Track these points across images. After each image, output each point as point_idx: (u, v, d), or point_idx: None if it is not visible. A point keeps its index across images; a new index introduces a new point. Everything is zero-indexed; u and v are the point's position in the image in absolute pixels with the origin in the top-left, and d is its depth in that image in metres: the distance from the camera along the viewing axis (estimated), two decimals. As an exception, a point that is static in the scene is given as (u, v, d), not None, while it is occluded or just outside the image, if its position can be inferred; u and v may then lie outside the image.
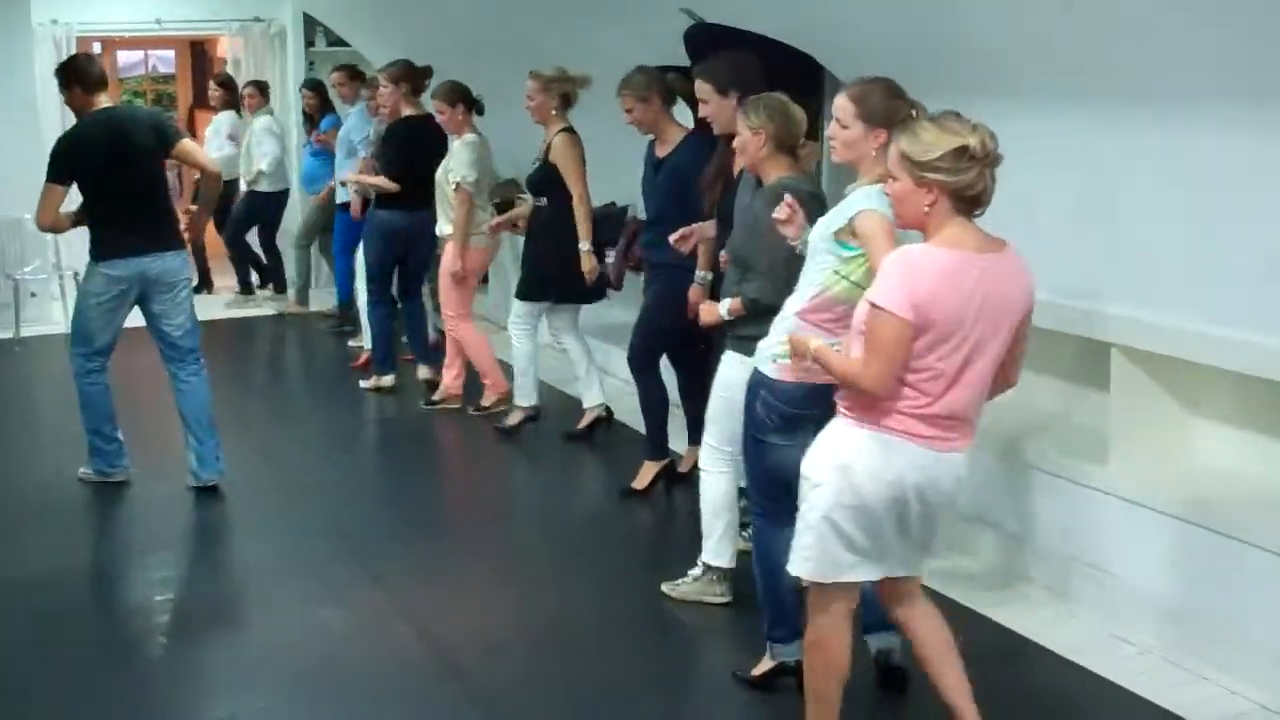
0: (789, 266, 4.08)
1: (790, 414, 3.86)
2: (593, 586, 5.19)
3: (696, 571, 4.87)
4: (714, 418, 4.65)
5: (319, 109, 9.87)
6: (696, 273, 5.46)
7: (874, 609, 3.87)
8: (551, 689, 4.31)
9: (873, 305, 3.18)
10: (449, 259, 7.09)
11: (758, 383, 3.98)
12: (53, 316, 9.92)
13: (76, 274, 9.70)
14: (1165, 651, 4.29)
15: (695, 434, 5.97)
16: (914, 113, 3.52)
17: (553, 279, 6.66)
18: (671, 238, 5.28)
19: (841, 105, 3.79)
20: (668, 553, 5.33)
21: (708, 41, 5.93)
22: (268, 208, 10.42)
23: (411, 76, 7.51)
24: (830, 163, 6.20)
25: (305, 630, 4.74)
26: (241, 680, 4.45)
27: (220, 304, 10.57)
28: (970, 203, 3.22)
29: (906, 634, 3.66)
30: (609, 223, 7.22)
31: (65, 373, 9.11)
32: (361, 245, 7.94)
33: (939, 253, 3.20)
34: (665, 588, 4.89)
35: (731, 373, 4.48)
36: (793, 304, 3.91)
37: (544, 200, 6.59)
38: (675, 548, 5.29)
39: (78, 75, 5.83)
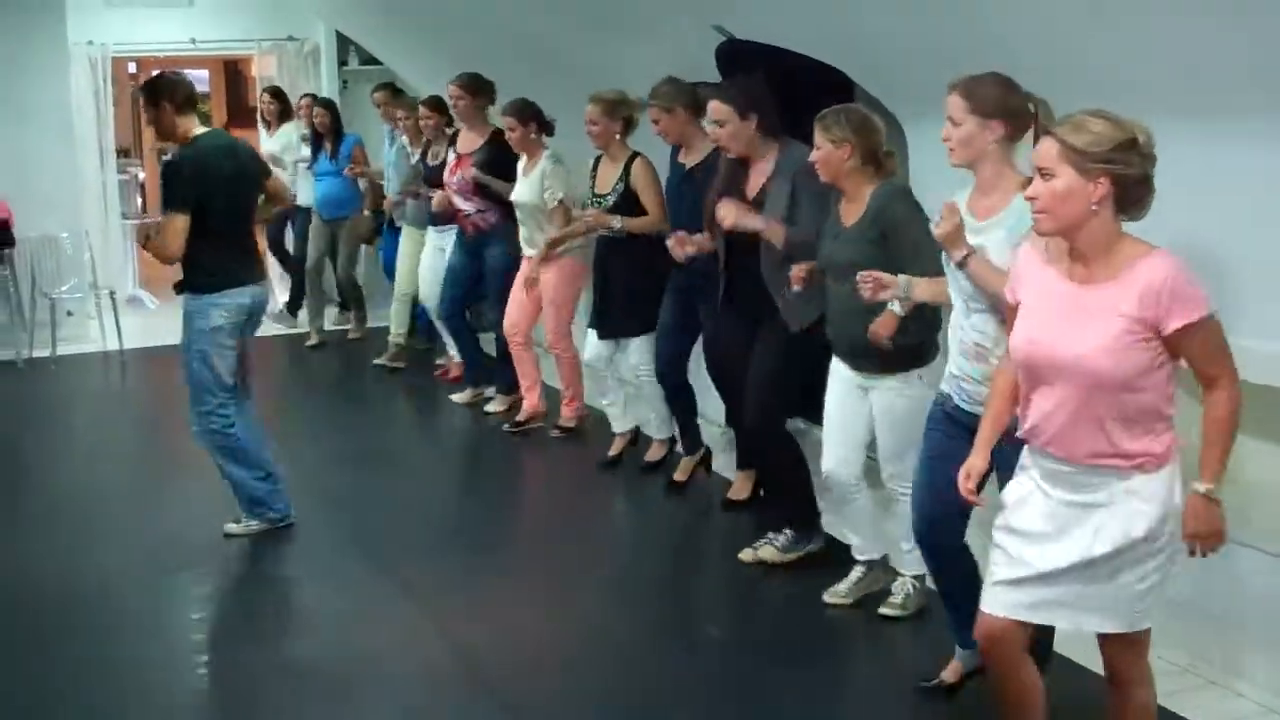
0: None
1: None
2: (627, 601, 5.20)
3: (907, 588, 4.77)
4: (907, 448, 4.41)
5: (330, 128, 9.84)
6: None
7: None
8: (586, 704, 4.31)
9: (1186, 328, 2.97)
10: (561, 283, 6.92)
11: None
12: (89, 335, 10.00)
13: (113, 293, 9.85)
14: (1199, 667, 4.25)
15: (744, 458, 5.98)
16: (1031, 106, 3.38)
17: (651, 310, 6.26)
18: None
19: (951, 102, 3.65)
20: (703, 568, 5.33)
21: (740, 58, 5.93)
22: None
23: (489, 91, 7.35)
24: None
25: (339, 643, 4.76)
26: (274, 692, 4.46)
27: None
28: (1134, 204, 3.02)
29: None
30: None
31: (102, 391, 9.31)
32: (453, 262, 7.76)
33: (1166, 251, 3.04)
34: (884, 610, 4.73)
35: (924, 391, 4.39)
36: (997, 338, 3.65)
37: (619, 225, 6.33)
38: (710, 563, 5.30)
39: (171, 92, 5.45)
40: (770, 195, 5.05)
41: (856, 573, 4.89)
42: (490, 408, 7.69)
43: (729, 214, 4.98)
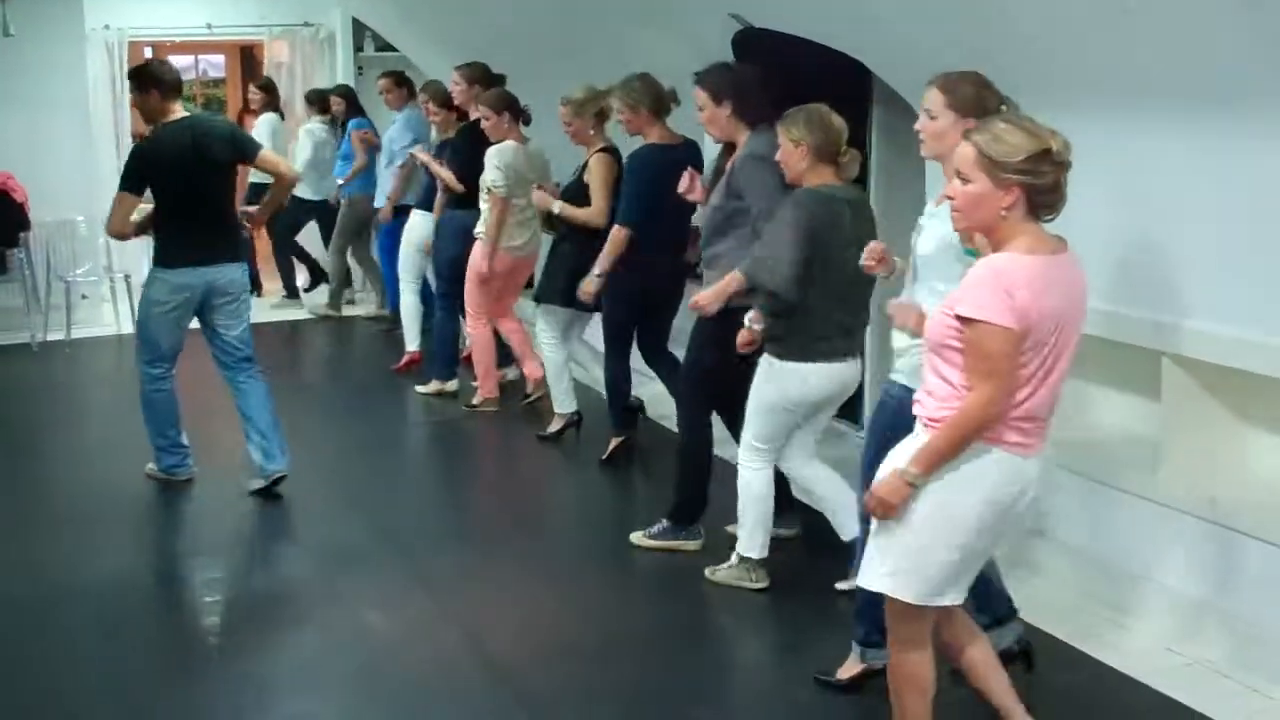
0: (800, 267, 4.43)
1: None
2: (640, 590, 5.22)
3: (733, 560, 5.02)
4: (753, 416, 4.81)
5: (347, 114, 9.91)
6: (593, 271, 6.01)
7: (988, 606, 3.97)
8: (600, 693, 4.31)
9: (969, 320, 3.08)
10: (477, 261, 7.23)
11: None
12: (103, 319, 10.03)
13: (128, 277, 9.86)
14: (1217, 663, 4.24)
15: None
16: (1004, 106, 3.47)
17: (569, 286, 6.50)
18: None
19: (931, 96, 3.75)
20: (716, 557, 5.32)
21: (756, 46, 5.94)
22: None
23: (487, 80, 7.54)
24: (878, 168, 6.20)
25: (352, 633, 4.76)
26: (289, 683, 4.48)
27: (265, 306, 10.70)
28: (1045, 208, 3.16)
29: (952, 651, 3.59)
30: None
31: (115, 374, 9.31)
32: (432, 248, 8.03)
33: (1025, 259, 3.12)
34: (706, 572, 5.08)
35: (772, 375, 4.68)
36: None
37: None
38: (724, 556, 5.29)
39: (156, 80, 5.79)
40: (722, 184, 5.16)
41: None
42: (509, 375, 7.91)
43: (705, 301, 5.06)
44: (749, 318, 4.68)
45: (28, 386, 8.71)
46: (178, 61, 14.22)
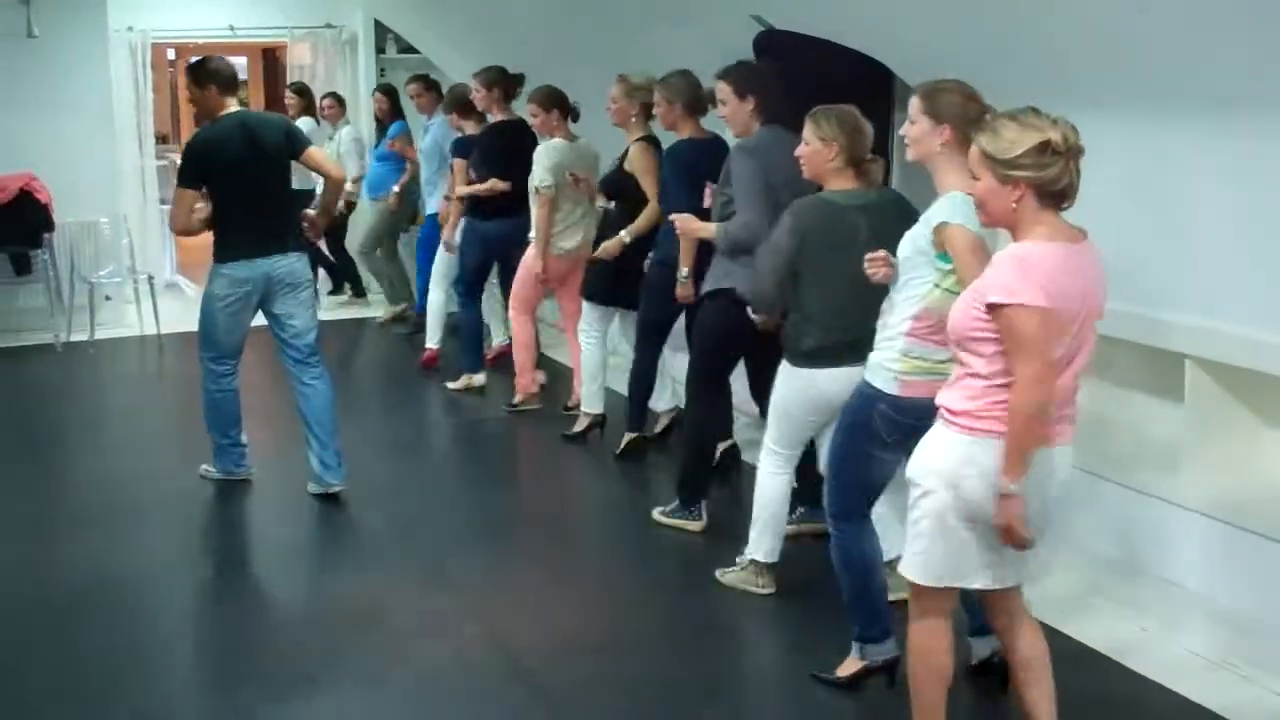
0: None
1: (912, 428, 3.67)
2: (656, 589, 5.23)
3: (743, 561, 5.02)
4: (772, 420, 4.82)
5: (389, 114, 9.93)
6: (679, 270, 5.78)
7: (977, 613, 3.97)
8: (617, 690, 4.34)
9: (1000, 306, 3.14)
10: (530, 259, 7.27)
11: (875, 398, 3.92)
12: (127, 320, 10.07)
13: (151, 278, 9.91)
14: (1239, 666, 4.23)
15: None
16: (988, 116, 3.49)
17: (622, 284, 6.62)
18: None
19: (911, 102, 3.87)
20: (731, 558, 5.33)
21: (777, 47, 5.93)
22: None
23: (505, 81, 7.62)
24: (901, 172, 6.19)
25: (372, 629, 4.78)
26: (309, 677, 4.49)
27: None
28: (1056, 197, 3.21)
29: (1006, 647, 3.63)
30: None
31: (140, 375, 9.37)
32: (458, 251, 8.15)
33: (1048, 245, 3.19)
34: (716, 573, 5.09)
35: (786, 379, 4.68)
36: (895, 322, 3.88)
37: (612, 204, 6.74)
38: (737, 552, 5.30)
39: (213, 75, 5.83)
40: (723, 175, 5.28)
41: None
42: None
43: (682, 224, 5.46)
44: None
45: (52, 387, 8.74)
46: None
